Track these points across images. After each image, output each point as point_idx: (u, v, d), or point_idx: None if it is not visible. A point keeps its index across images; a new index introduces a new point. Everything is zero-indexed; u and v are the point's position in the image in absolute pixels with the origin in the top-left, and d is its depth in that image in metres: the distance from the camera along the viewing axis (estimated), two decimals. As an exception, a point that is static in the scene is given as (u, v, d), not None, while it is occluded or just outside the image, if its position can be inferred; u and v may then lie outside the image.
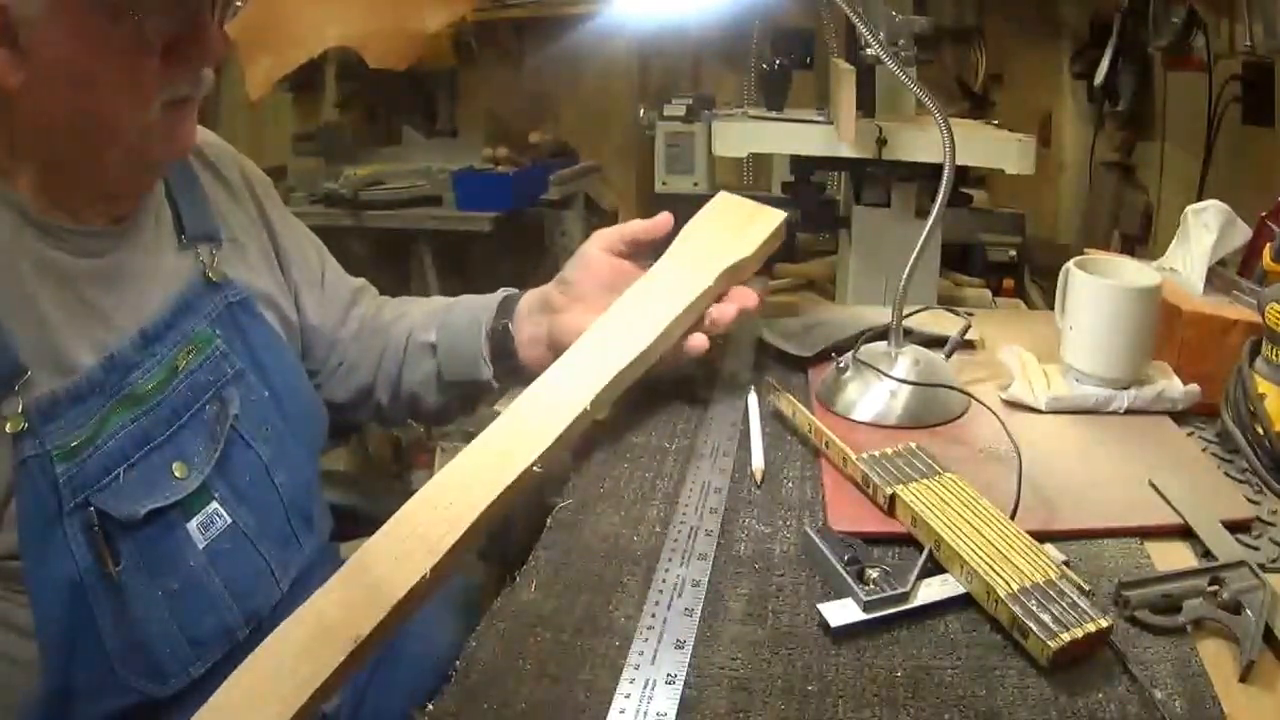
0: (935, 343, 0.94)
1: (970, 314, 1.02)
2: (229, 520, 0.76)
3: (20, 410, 0.66)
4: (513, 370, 0.94)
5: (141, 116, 0.70)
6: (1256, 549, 0.65)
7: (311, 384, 0.94)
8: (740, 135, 1.19)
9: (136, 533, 0.69)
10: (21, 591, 0.67)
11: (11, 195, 0.69)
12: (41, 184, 0.70)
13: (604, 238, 0.92)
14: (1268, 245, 0.84)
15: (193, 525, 0.73)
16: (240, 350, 0.82)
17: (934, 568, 0.62)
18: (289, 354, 0.90)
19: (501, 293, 0.97)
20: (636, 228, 0.91)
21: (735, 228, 0.90)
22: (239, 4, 0.74)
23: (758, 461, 0.78)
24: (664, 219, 0.91)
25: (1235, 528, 0.67)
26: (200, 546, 0.73)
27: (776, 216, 0.91)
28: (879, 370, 0.86)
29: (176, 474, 0.73)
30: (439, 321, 0.97)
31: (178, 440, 0.74)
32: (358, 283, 1.03)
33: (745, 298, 0.87)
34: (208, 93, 0.75)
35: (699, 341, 0.84)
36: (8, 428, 0.65)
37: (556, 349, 0.85)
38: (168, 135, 0.73)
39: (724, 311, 0.85)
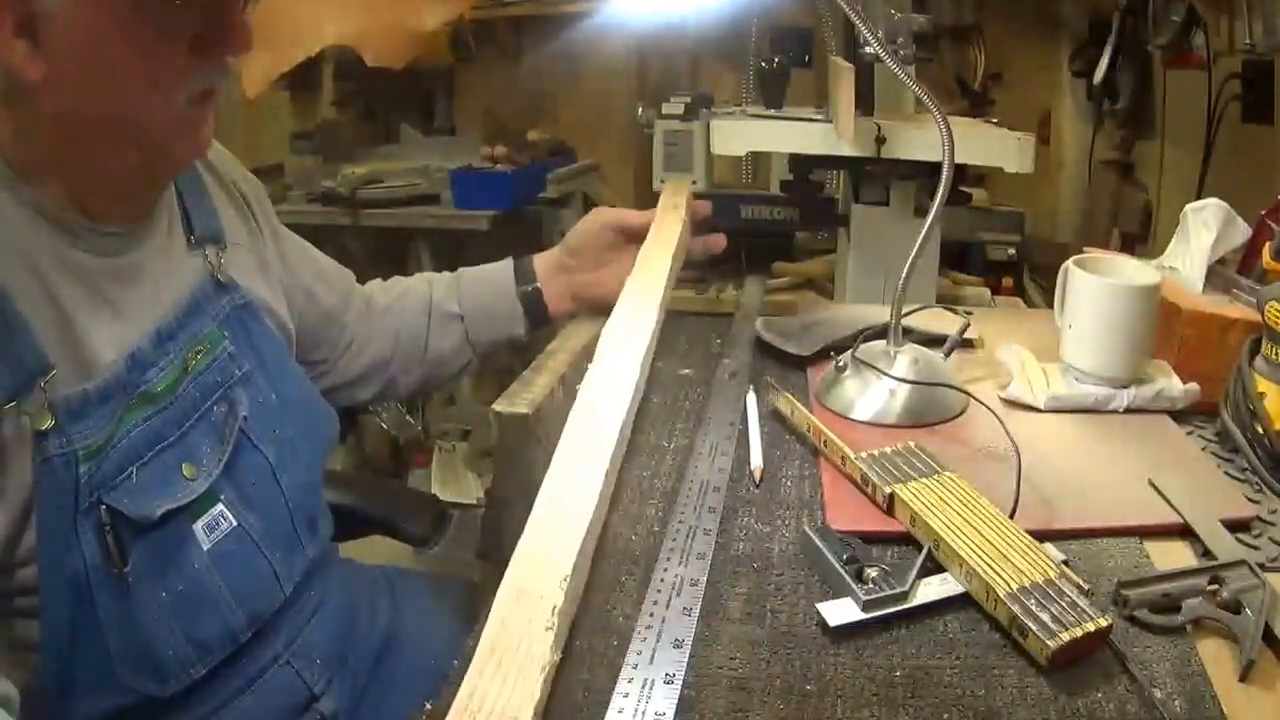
0: (934, 341, 0.94)
1: (969, 313, 1.02)
2: (234, 523, 0.75)
3: (46, 407, 0.65)
4: (539, 324, 1.11)
5: (167, 110, 0.69)
6: (1256, 548, 0.65)
7: (316, 386, 0.95)
8: (739, 134, 1.19)
9: (145, 534, 0.69)
10: (17, 611, 0.67)
11: (29, 193, 0.69)
12: (61, 182, 0.70)
13: (603, 217, 1.11)
14: (1267, 244, 0.84)
15: (198, 527, 0.73)
16: (248, 352, 0.81)
17: (933, 567, 0.62)
18: (292, 358, 0.90)
19: (509, 260, 1.12)
20: (634, 219, 1.09)
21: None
22: None
23: (756, 460, 0.78)
24: (652, 212, 1.10)
25: (1235, 527, 0.67)
26: (205, 549, 0.73)
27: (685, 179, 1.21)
28: (878, 369, 0.86)
29: (186, 475, 0.72)
30: (457, 294, 1.09)
31: (187, 440, 0.74)
32: (347, 271, 1.09)
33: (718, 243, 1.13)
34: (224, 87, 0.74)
35: (718, 240, 1.12)
36: (33, 425, 0.64)
37: (580, 300, 1.10)
38: (191, 133, 0.73)
39: (717, 241, 1.12)
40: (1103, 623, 0.54)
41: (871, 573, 0.61)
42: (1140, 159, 2.18)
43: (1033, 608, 0.56)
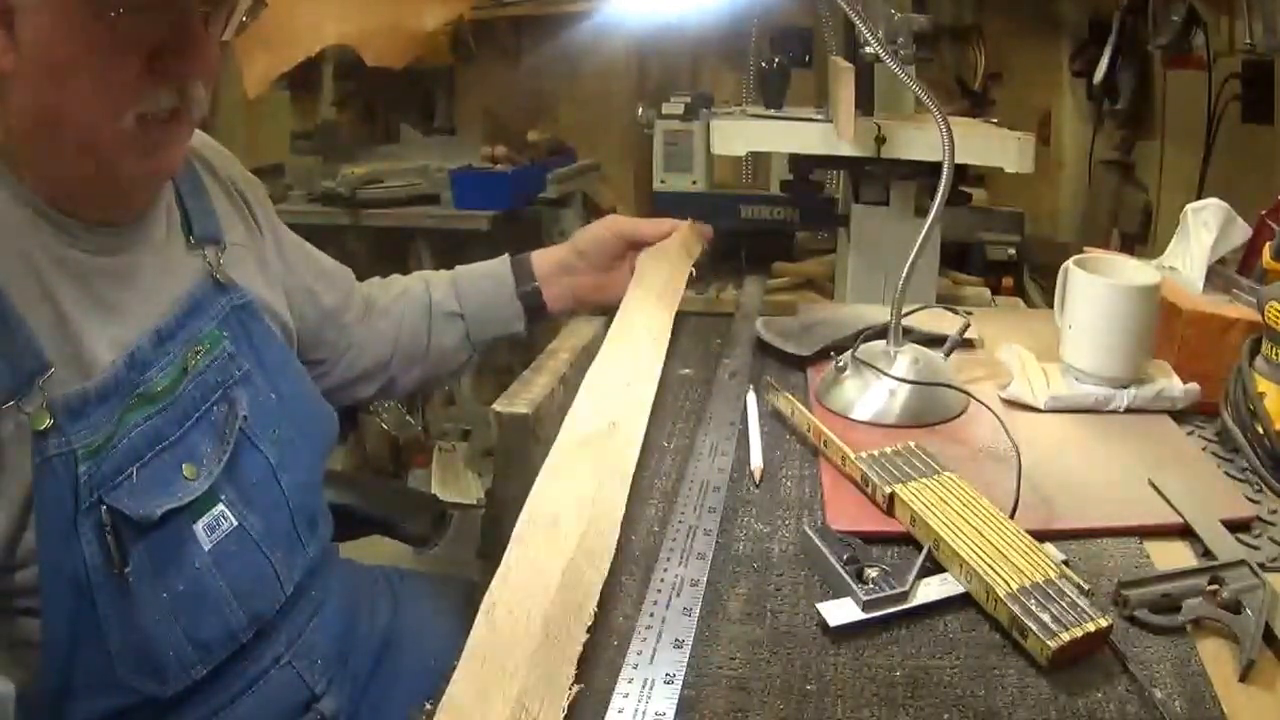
0: (934, 341, 0.94)
1: (969, 313, 1.02)
2: (235, 523, 0.75)
3: (44, 407, 0.65)
4: (538, 321, 1.13)
5: (112, 124, 0.67)
6: (1256, 548, 0.65)
7: (317, 385, 0.95)
8: (739, 134, 1.19)
9: (146, 534, 0.69)
10: (18, 611, 0.67)
11: (24, 191, 0.68)
12: (38, 179, 0.69)
13: (617, 225, 1.12)
14: (1267, 244, 0.84)
15: (199, 527, 0.73)
16: (247, 352, 0.81)
17: (933, 567, 0.62)
18: (292, 358, 0.90)
19: (506, 258, 1.12)
20: (647, 231, 1.12)
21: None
22: (245, 19, 0.72)
23: (756, 460, 0.78)
24: (671, 225, 1.13)
25: (1235, 527, 0.67)
26: (206, 549, 0.73)
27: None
28: (878, 369, 0.86)
29: (186, 475, 0.72)
30: (456, 293, 1.10)
31: (188, 440, 0.74)
32: (347, 269, 1.09)
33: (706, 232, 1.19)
34: (202, 112, 0.72)
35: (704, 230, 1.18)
36: (32, 424, 0.64)
37: (582, 303, 1.13)
38: (143, 152, 0.70)
39: (704, 230, 1.18)
40: (1103, 623, 0.54)
41: (871, 573, 0.61)
42: (1140, 159, 2.18)
43: (1033, 608, 0.56)
